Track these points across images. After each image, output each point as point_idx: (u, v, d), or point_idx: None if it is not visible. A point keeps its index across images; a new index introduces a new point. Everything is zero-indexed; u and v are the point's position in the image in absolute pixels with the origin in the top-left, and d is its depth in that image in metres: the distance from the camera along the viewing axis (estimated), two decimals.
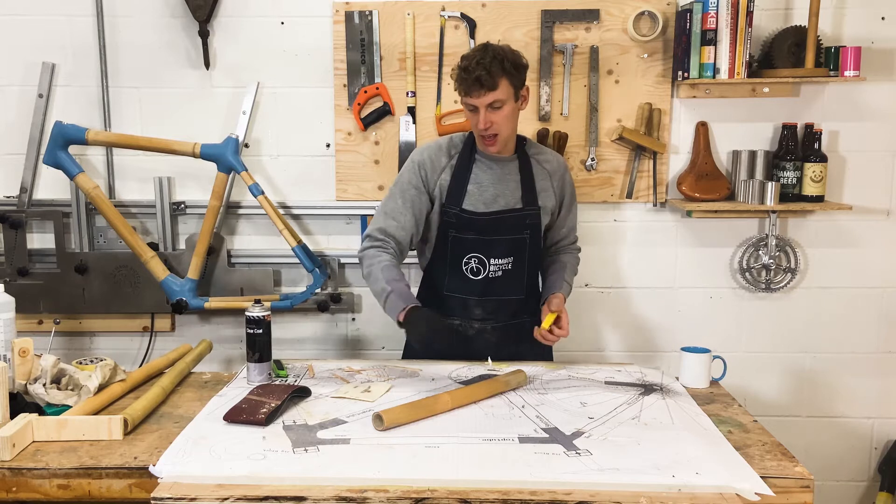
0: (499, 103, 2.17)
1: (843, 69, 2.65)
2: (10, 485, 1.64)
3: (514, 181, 2.33)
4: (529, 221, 2.33)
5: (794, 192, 2.77)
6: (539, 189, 2.35)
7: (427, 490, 1.52)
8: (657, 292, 2.93)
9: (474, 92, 2.16)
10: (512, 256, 2.33)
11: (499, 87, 2.16)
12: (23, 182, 2.83)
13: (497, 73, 2.14)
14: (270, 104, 2.83)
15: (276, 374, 2.17)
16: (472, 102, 2.19)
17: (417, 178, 2.30)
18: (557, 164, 2.40)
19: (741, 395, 2.86)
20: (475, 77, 2.13)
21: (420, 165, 2.31)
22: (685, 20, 2.67)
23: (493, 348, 2.34)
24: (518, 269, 2.35)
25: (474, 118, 2.22)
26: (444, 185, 2.30)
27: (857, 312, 2.93)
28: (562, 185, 2.39)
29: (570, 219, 2.46)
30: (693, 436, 1.77)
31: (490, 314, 2.36)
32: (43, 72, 2.79)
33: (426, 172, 2.30)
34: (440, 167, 2.31)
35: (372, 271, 2.22)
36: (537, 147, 2.43)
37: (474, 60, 2.15)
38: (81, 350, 2.95)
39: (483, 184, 2.31)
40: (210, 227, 2.71)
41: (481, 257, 2.31)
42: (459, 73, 2.18)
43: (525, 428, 1.80)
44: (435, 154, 2.33)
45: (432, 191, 2.31)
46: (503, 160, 2.33)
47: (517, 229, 2.32)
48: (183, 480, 1.55)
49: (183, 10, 2.76)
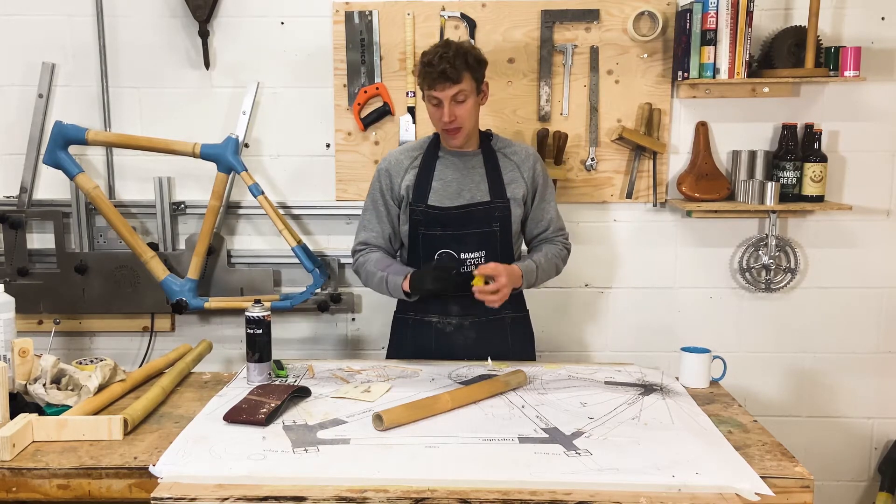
0: (462, 96, 2.22)
1: (843, 69, 2.65)
2: (10, 485, 1.64)
3: (478, 174, 2.34)
4: (498, 214, 2.34)
5: (794, 192, 2.77)
6: (507, 181, 2.35)
7: (427, 490, 1.52)
8: (657, 292, 2.93)
9: (438, 85, 2.20)
10: (483, 250, 2.33)
11: (462, 80, 2.21)
12: (23, 182, 2.83)
13: (461, 66, 2.20)
14: (270, 104, 2.84)
15: (276, 374, 2.17)
16: (436, 95, 2.22)
17: (382, 186, 2.37)
18: (526, 155, 2.40)
19: (741, 395, 2.86)
20: (440, 70, 2.18)
21: (384, 172, 2.38)
22: (685, 20, 2.67)
23: (473, 344, 2.36)
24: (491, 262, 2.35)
25: (438, 112, 2.24)
26: (410, 185, 2.34)
27: (857, 312, 2.93)
28: (532, 174, 2.38)
29: (547, 209, 2.42)
30: (693, 436, 1.77)
31: (467, 311, 2.36)
32: (43, 72, 2.79)
33: (390, 177, 2.36)
34: (403, 169, 2.36)
35: (367, 273, 2.34)
36: (504, 140, 2.44)
37: (437, 55, 2.19)
38: (81, 350, 2.95)
39: (447, 179, 2.33)
40: (210, 227, 2.71)
41: (452, 253, 2.33)
42: (423, 67, 2.21)
43: (525, 428, 1.80)
44: (396, 158, 2.39)
45: (399, 193, 2.36)
46: (467, 155, 2.35)
47: (486, 222, 2.33)
48: (183, 480, 1.55)
49: (183, 10, 2.76)
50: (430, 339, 2.38)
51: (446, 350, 2.36)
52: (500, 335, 2.39)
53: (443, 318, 2.37)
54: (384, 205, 2.38)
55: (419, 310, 2.38)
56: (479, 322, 2.37)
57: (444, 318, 2.37)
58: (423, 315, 2.39)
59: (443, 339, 2.37)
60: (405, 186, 2.34)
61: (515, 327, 2.43)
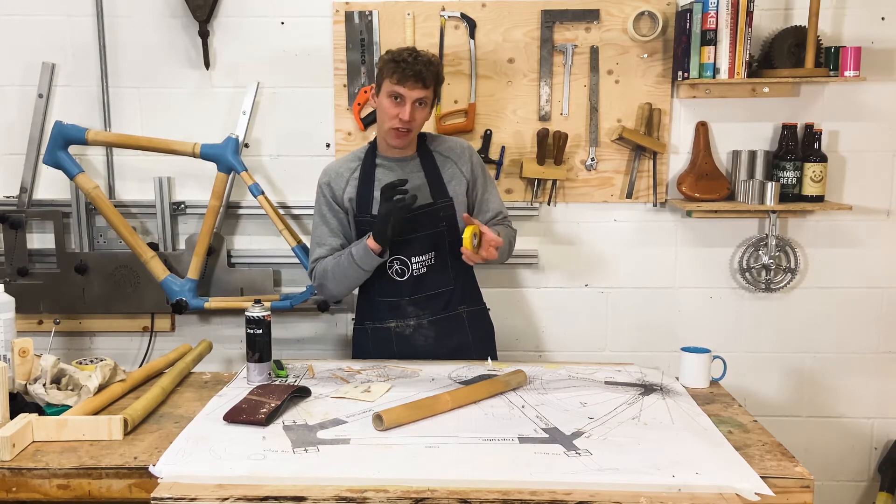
0: (425, 102, 2.25)
1: (843, 69, 2.65)
2: (10, 485, 1.64)
3: (418, 178, 2.35)
4: (443, 213, 2.35)
5: (794, 192, 2.77)
6: (446, 178, 2.36)
7: (427, 490, 1.52)
8: (657, 292, 2.93)
9: (409, 83, 2.21)
10: (433, 251, 2.35)
11: (429, 87, 2.24)
12: (23, 182, 2.83)
13: (431, 75, 2.24)
14: (270, 104, 2.84)
15: (276, 374, 2.17)
16: (402, 92, 2.22)
17: (326, 199, 2.37)
18: (461, 149, 2.42)
19: (741, 395, 2.86)
20: (416, 70, 2.20)
21: (325, 186, 2.38)
22: (685, 20, 2.67)
23: (434, 342, 2.37)
24: (441, 263, 2.36)
25: (395, 109, 2.24)
26: (352, 196, 2.35)
27: (857, 312, 2.93)
28: (470, 167, 2.40)
29: (490, 200, 2.43)
30: (693, 436, 1.77)
31: (423, 310, 2.37)
32: (43, 72, 2.79)
33: (332, 190, 2.37)
34: (344, 181, 2.36)
35: (331, 273, 2.32)
36: (438, 138, 2.45)
37: (412, 55, 2.22)
38: (81, 350, 2.95)
39: None
40: (210, 227, 2.71)
41: (402, 258, 2.33)
42: (394, 63, 2.22)
43: (525, 428, 1.80)
44: (336, 171, 2.39)
45: (343, 205, 2.36)
46: (404, 160, 2.36)
47: (432, 224, 2.34)
48: (183, 480, 1.55)
49: (183, 10, 2.76)
50: (391, 344, 2.39)
51: (409, 353, 2.37)
52: (458, 330, 2.41)
53: (400, 321, 2.38)
54: (334, 216, 2.36)
55: (376, 317, 2.40)
56: (436, 320, 2.38)
57: (402, 321, 2.38)
58: (380, 322, 2.40)
59: (403, 342, 2.38)
60: (348, 198, 2.35)
61: (473, 321, 2.44)
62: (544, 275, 2.90)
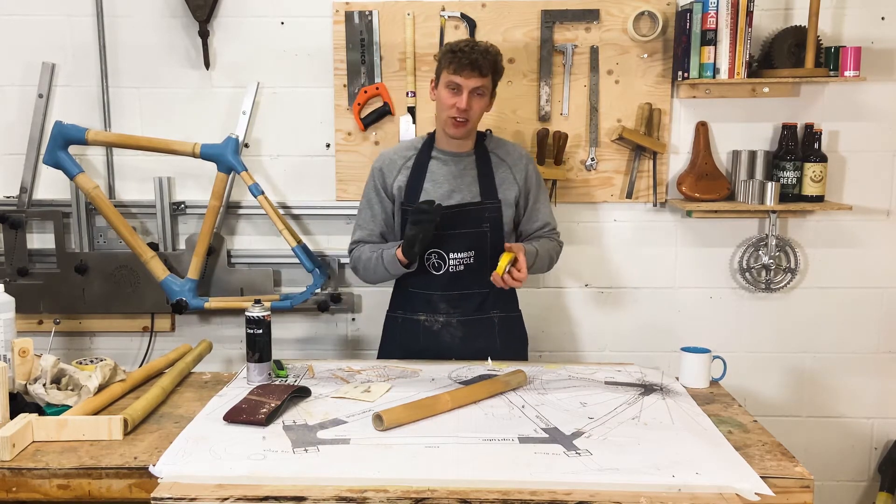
0: (482, 90, 2.26)
1: (843, 69, 2.65)
2: (10, 485, 1.64)
3: (470, 176, 2.35)
4: (489, 214, 2.35)
5: (794, 192, 2.77)
6: (499, 182, 2.37)
7: (427, 490, 1.52)
8: (657, 292, 2.93)
9: (466, 71, 2.22)
10: (473, 250, 2.35)
11: (487, 76, 2.25)
12: (23, 182, 2.83)
13: (489, 64, 2.25)
14: (270, 104, 2.84)
15: (276, 374, 2.17)
16: (459, 82, 2.23)
17: (376, 184, 2.40)
18: (518, 156, 2.42)
19: (741, 395, 2.86)
20: (472, 59, 2.21)
21: (376, 171, 2.41)
22: (685, 20, 2.67)
23: (460, 342, 2.37)
24: (480, 263, 2.35)
25: (453, 98, 2.25)
26: (402, 184, 2.36)
27: (857, 312, 2.93)
28: (525, 175, 2.40)
29: (541, 210, 2.44)
30: (693, 436, 1.77)
31: (454, 308, 2.38)
32: (43, 72, 2.79)
33: (383, 177, 2.39)
34: (396, 168, 2.38)
35: (363, 263, 2.38)
36: (497, 140, 2.45)
37: (470, 45, 2.24)
38: (81, 350, 2.95)
39: (438, 180, 2.35)
40: (210, 227, 2.71)
41: (440, 252, 2.33)
42: (451, 53, 2.24)
43: (525, 428, 1.80)
44: (390, 158, 2.41)
45: (391, 192, 2.38)
46: (460, 156, 2.37)
47: (476, 223, 2.34)
48: (183, 480, 1.55)
49: (183, 10, 2.76)
50: (418, 337, 2.40)
51: (434, 348, 2.37)
52: (487, 335, 2.40)
53: (430, 315, 2.39)
54: (379, 203, 2.40)
55: (407, 308, 2.42)
56: (466, 320, 2.37)
57: (432, 315, 2.39)
58: (411, 314, 2.41)
59: (430, 337, 2.39)
60: (397, 186, 2.36)
61: (504, 327, 2.43)
62: (544, 275, 2.90)
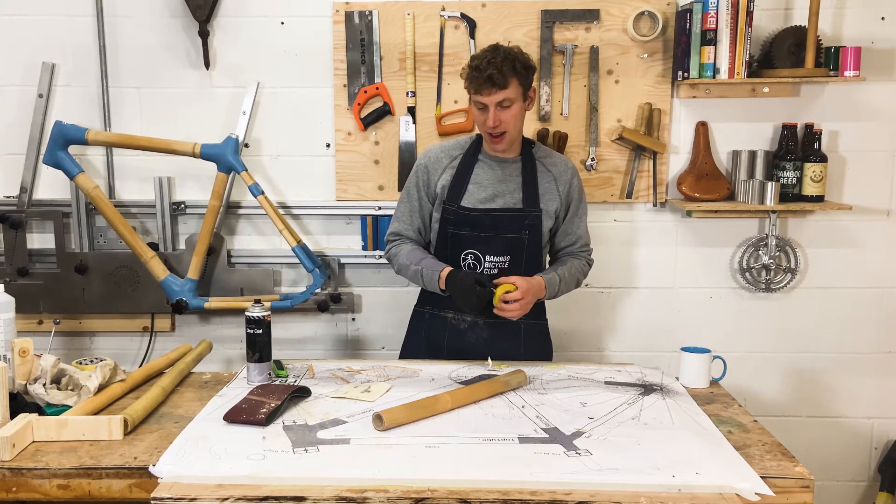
0: (508, 102, 2.22)
1: (843, 69, 2.65)
2: (10, 485, 1.64)
3: (515, 182, 2.34)
4: (528, 222, 2.34)
5: (794, 192, 2.77)
6: (542, 191, 2.36)
7: (427, 490, 1.52)
8: (657, 292, 2.93)
9: (485, 90, 2.19)
10: (509, 255, 2.34)
11: (509, 86, 2.20)
12: (23, 182, 2.83)
13: (508, 72, 2.19)
14: (270, 104, 2.84)
15: (276, 374, 2.17)
16: (482, 101, 2.22)
17: (419, 180, 2.39)
18: (564, 168, 2.40)
19: (741, 395, 2.86)
20: (487, 76, 2.17)
21: (421, 168, 2.40)
22: (685, 20, 2.67)
23: (485, 344, 2.36)
24: (515, 269, 2.34)
25: (482, 116, 2.25)
26: (446, 184, 2.35)
27: (857, 312, 2.93)
28: (568, 189, 2.39)
29: (578, 225, 2.43)
30: (693, 436, 1.77)
31: (484, 310, 2.36)
32: (43, 72, 2.79)
33: (427, 173, 2.38)
34: (441, 167, 2.37)
35: (401, 264, 2.37)
36: (546, 150, 2.44)
37: (485, 60, 2.19)
38: (81, 350, 2.95)
39: (483, 183, 2.34)
40: (210, 227, 2.71)
41: (477, 253, 2.33)
42: (471, 71, 2.22)
43: (525, 428, 1.80)
44: (437, 155, 2.40)
45: (434, 190, 2.37)
46: (506, 161, 2.36)
47: (515, 229, 2.33)
48: (183, 480, 1.55)
49: (183, 10, 2.76)
50: (444, 333, 2.40)
51: (458, 347, 2.37)
52: (512, 340, 2.39)
53: (457, 314, 2.38)
54: (418, 199, 2.40)
55: (436, 304, 2.41)
56: (492, 323, 2.36)
57: (459, 314, 2.38)
58: (439, 310, 2.41)
59: (456, 335, 2.39)
60: (441, 185, 2.36)
61: (530, 334, 2.43)
62: None
